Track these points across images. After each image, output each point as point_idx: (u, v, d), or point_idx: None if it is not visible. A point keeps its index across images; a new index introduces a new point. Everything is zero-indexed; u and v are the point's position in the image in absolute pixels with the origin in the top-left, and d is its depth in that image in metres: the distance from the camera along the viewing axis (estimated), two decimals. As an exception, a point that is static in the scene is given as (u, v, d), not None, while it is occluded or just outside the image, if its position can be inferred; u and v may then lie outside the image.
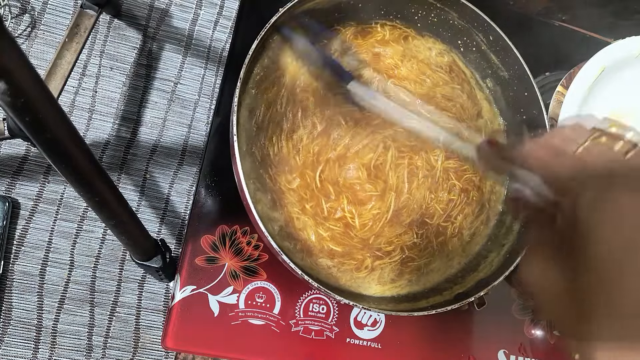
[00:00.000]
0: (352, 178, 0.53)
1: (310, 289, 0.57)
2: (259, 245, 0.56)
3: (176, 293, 0.53)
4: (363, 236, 0.53)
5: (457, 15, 0.59)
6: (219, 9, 1.05)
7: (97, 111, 0.96)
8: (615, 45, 0.61)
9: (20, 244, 0.90)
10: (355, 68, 0.56)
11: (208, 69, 1.03)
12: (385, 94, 0.56)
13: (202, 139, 1.01)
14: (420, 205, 0.55)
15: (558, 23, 0.73)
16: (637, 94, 0.63)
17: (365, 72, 0.56)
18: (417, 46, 0.61)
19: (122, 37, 0.99)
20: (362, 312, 0.58)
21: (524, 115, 0.59)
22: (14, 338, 0.87)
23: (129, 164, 0.96)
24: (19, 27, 0.95)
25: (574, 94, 0.59)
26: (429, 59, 0.60)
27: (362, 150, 0.54)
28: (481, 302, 0.52)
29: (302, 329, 0.55)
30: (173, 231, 0.97)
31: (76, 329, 0.90)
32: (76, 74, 0.96)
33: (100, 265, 0.92)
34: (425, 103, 0.57)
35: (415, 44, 0.61)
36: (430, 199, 0.56)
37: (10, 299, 0.88)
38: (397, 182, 0.55)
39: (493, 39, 0.58)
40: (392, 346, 0.57)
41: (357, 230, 0.53)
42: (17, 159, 0.91)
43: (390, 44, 0.59)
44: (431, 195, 0.56)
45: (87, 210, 0.93)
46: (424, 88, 0.58)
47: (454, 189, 0.57)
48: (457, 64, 0.62)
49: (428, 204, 0.56)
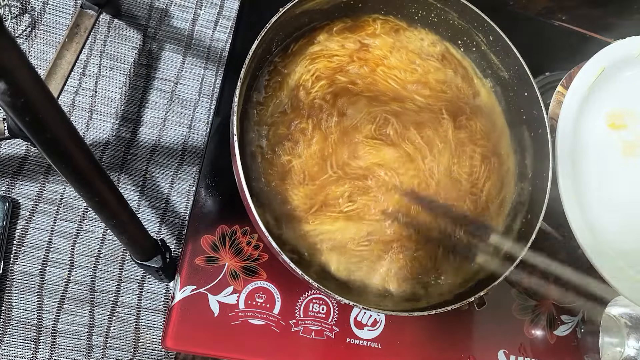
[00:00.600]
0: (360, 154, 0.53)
1: (310, 289, 0.57)
2: (259, 245, 0.56)
3: (176, 293, 0.53)
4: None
5: (457, 15, 0.59)
6: (219, 9, 1.05)
7: (97, 111, 0.96)
8: (615, 45, 0.61)
9: (20, 244, 0.90)
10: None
11: (208, 69, 1.03)
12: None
13: (202, 139, 1.01)
14: (448, 171, 0.56)
15: (558, 23, 0.73)
16: (637, 94, 0.63)
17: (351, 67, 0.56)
18: (409, 37, 0.61)
19: (122, 37, 0.99)
20: (362, 312, 0.58)
21: (524, 115, 0.59)
22: (14, 338, 0.87)
23: (129, 164, 0.96)
24: (19, 27, 0.95)
25: (574, 94, 0.59)
26: (420, 49, 0.60)
27: (361, 123, 0.54)
28: (481, 302, 0.52)
29: (302, 329, 0.55)
30: (173, 231, 0.97)
31: (76, 329, 0.90)
32: (76, 74, 0.96)
33: (100, 265, 0.92)
34: (420, 88, 0.57)
35: (407, 35, 0.61)
36: (453, 163, 0.56)
37: (10, 299, 0.88)
38: (417, 149, 0.54)
39: (493, 39, 0.58)
40: (392, 346, 0.57)
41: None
42: (17, 159, 0.91)
43: (381, 36, 0.59)
44: (454, 160, 0.57)
45: (87, 210, 0.93)
46: (414, 76, 0.58)
47: (475, 155, 0.58)
48: (450, 52, 0.62)
49: (453, 169, 0.56)
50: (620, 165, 0.62)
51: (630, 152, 0.62)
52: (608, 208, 0.59)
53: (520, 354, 0.61)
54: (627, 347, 0.65)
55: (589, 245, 0.55)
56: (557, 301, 0.64)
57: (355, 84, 0.55)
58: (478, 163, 0.58)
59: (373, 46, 0.58)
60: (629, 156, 0.62)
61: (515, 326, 0.62)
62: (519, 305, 0.62)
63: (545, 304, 0.63)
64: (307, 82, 0.54)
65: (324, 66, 0.55)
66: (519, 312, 0.62)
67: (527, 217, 0.56)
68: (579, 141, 0.59)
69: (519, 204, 0.58)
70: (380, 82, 0.56)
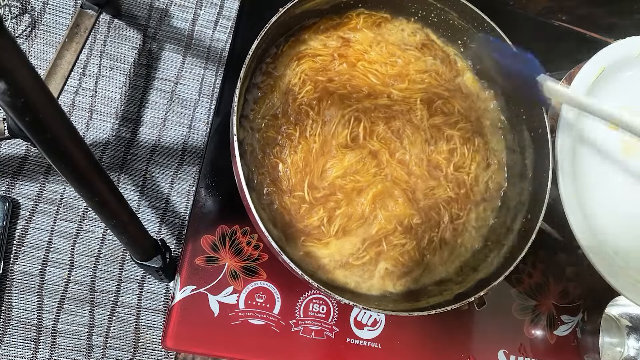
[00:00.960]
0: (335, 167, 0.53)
1: (310, 289, 0.57)
2: (259, 245, 0.56)
3: (176, 293, 0.53)
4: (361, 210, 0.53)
5: (457, 15, 0.59)
6: (219, 9, 1.05)
7: (97, 111, 0.96)
8: (615, 45, 0.61)
9: (20, 244, 0.90)
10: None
11: (208, 69, 1.03)
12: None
13: (202, 139, 1.01)
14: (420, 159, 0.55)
15: (558, 23, 0.73)
16: (637, 94, 0.63)
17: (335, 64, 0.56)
18: (390, 29, 0.60)
19: (122, 37, 0.99)
20: (362, 312, 0.58)
21: (524, 115, 0.59)
22: (14, 338, 0.87)
23: (129, 164, 0.96)
24: (19, 27, 0.95)
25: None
26: (400, 40, 0.60)
27: (336, 129, 0.54)
28: (481, 302, 0.52)
29: (302, 329, 0.55)
30: (173, 231, 0.97)
31: (76, 329, 0.90)
32: (76, 74, 0.96)
33: (100, 265, 0.92)
34: (398, 81, 0.57)
35: (388, 27, 0.61)
36: (430, 151, 0.56)
37: (10, 299, 0.88)
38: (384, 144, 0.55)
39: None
40: (392, 346, 0.57)
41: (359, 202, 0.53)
42: (17, 159, 0.91)
43: (362, 31, 0.59)
44: (430, 147, 0.57)
45: (87, 210, 0.93)
46: (395, 68, 0.58)
47: (453, 138, 0.57)
48: (430, 38, 0.62)
49: (429, 155, 0.56)
50: (620, 165, 0.62)
51: (630, 152, 0.62)
52: (608, 208, 0.59)
53: (520, 354, 0.61)
54: (627, 347, 0.65)
55: (589, 245, 0.55)
56: (557, 301, 0.64)
57: (332, 81, 0.55)
58: (458, 146, 0.58)
59: (354, 40, 0.58)
60: (629, 156, 0.62)
61: (515, 326, 0.62)
62: (519, 305, 0.62)
63: (545, 304, 0.63)
64: (295, 87, 0.54)
65: (309, 67, 0.55)
66: (519, 312, 0.62)
67: (527, 217, 0.56)
68: (579, 141, 0.59)
69: (519, 204, 0.58)
70: (357, 78, 0.56)
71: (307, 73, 0.55)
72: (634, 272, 0.57)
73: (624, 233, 0.59)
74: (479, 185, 0.58)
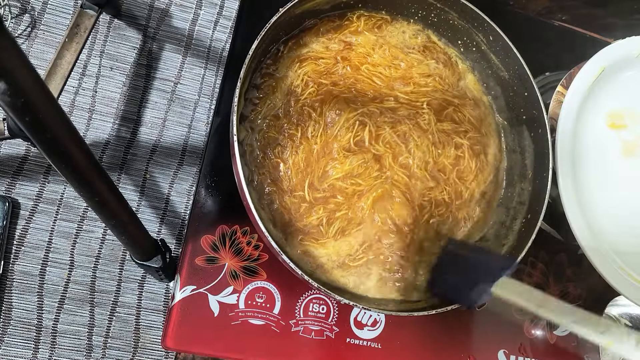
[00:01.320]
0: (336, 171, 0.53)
1: (310, 289, 0.57)
2: (259, 245, 0.56)
3: (176, 293, 0.53)
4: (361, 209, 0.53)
5: (457, 16, 0.59)
6: (219, 9, 1.05)
7: (97, 111, 0.96)
8: (615, 45, 0.61)
9: (20, 244, 0.90)
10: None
11: (208, 69, 1.03)
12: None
13: (202, 139, 1.01)
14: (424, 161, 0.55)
15: (558, 23, 0.73)
16: (637, 94, 0.63)
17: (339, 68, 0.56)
18: (391, 32, 0.60)
19: (122, 37, 0.99)
20: (362, 312, 0.58)
21: (524, 115, 0.59)
22: (14, 338, 0.87)
23: (129, 164, 0.96)
24: (19, 27, 0.95)
25: (574, 94, 0.59)
26: (402, 42, 0.60)
27: (340, 132, 0.53)
28: (481, 302, 0.52)
29: (302, 329, 0.55)
30: (173, 231, 0.97)
31: (76, 329, 0.90)
32: (76, 74, 0.96)
33: (100, 265, 0.92)
34: (403, 84, 0.57)
35: (389, 29, 0.60)
36: (437, 154, 0.56)
37: (10, 299, 0.88)
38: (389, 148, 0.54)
39: (493, 39, 0.58)
40: (392, 346, 0.57)
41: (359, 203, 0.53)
42: (17, 159, 0.91)
43: (364, 34, 0.59)
44: (438, 150, 0.56)
45: (87, 210, 0.93)
46: (399, 71, 0.58)
47: (462, 147, 0.57)
48: (431, 40, 0.62)
49: (436, 158, 0.56)
50: (620, 165, 0.62)
51: (630, 152, 0.62)
52: (608, 208, 0.59)
53: (520, 354, 0.61)
54: (627, 347, 0.65)
55: (589, 245, 0.55)
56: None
57: (336, 85, 0.55)
58: (467, 157, 0.57)
59: (356, 44, 0.58)
60: (629, 156, 0.62)
61: (515, 326, 0.62)
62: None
63: (545, 304, 0.63)
64: (298, 88, 0.54)
65: (312, 69, 0.55)
66: (519, 312, 0.62)
67: (527, 217, 0.56)
68: (579, 141, 0.59)
69: (519, 204, 0.58)
70: (362, 81, 0.56)
71: (309, 75, 0.55)
72: (633, 273, 0.57)
73: (624, 233, 0.59)
74: (474, 198, 0.58)
